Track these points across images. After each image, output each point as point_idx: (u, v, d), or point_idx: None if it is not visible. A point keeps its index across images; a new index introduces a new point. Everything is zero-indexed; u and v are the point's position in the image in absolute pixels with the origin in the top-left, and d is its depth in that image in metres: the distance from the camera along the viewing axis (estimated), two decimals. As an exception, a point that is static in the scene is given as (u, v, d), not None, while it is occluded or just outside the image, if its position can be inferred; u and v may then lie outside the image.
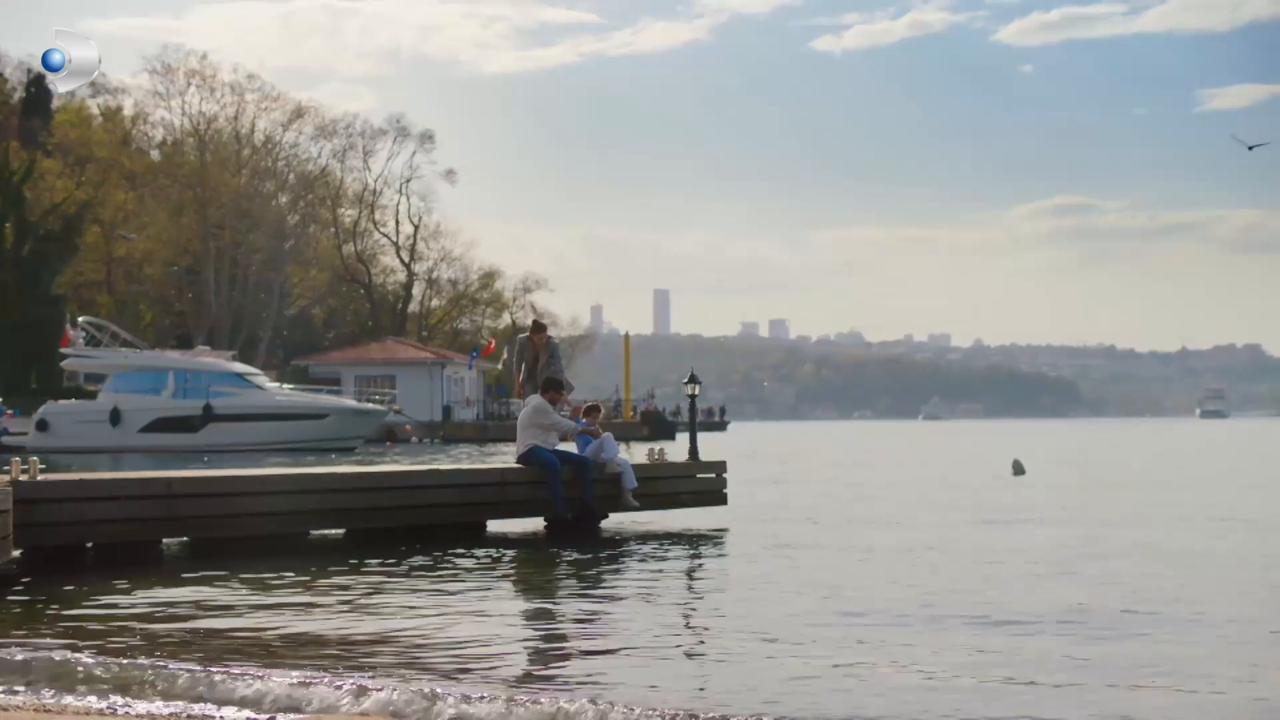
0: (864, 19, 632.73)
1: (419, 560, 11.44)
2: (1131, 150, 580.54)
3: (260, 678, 6.38)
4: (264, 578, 10.27)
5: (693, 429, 16.14)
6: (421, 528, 12.95)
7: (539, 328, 15.77)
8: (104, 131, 74.53)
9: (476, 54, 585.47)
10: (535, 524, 14.13)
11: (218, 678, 6.41)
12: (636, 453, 17.07)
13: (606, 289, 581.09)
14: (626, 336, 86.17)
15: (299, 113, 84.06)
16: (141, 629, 8.02)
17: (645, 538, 13.56)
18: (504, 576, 11.05)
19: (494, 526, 13.88)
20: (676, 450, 17.36)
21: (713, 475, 15.47)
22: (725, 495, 15.48)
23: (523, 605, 9.65)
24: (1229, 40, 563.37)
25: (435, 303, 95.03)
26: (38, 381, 59.41)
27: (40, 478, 10.88)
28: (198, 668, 6.62)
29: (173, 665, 6.73)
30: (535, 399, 14.07)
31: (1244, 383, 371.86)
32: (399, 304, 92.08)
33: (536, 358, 15.19)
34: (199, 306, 77.29)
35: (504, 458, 23.02)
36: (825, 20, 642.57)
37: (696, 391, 16.04)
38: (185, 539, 12.05)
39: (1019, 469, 26.86)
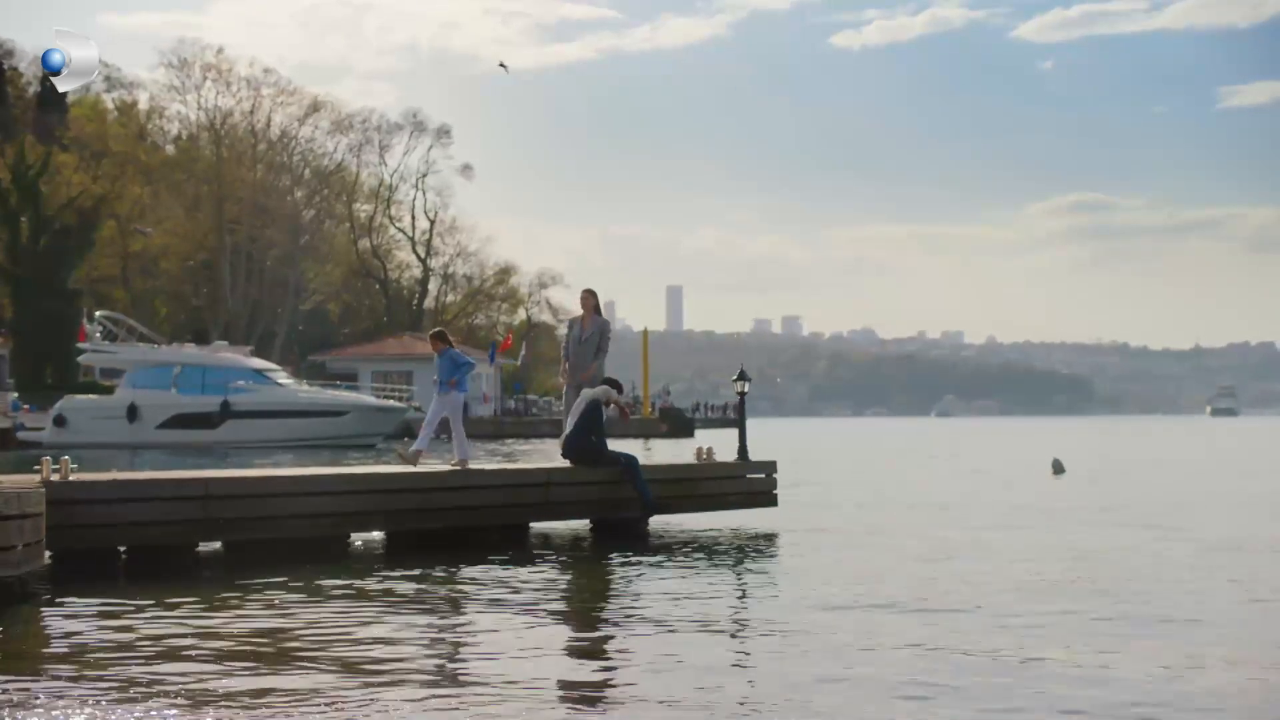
0: (883, 15, 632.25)
1: (464, 566, 10.86)
2: (1150, 148, 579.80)
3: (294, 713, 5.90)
4: (305, 586, 9.75)
5: (742, 427, 15.59)
6: (464, 529, 12.43)
7: (589, 293, 14.47)
8: (120, 126, 74.19)
9: (496, 50, 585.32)
10: (580, 525, 13.61)
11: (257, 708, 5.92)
12: (666, 450, 16.48)
13: (620, 285, 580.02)
14: (645, 333, 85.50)
15: (315, 107, 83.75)
16: (177, 644, 7.49)
17: (693, 541, 13.00)
18: (550, 584, 10.37)
19: (538, 528, 13.37)
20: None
21: (763, 475, 14.91)
22: (775, 496, 14.92)
23: (567, 617, 8.98)
24: (1249, 37, 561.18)
25: (451, 298, 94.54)
26: (53, 376, 59.06)
27: (72, 477, 10.36)
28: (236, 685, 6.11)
29: (211, 683, 6.23)
30: (591, 392, 13.47)
31: (1258, 381, 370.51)
32: (415, 299, 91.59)
33: (581, 335, 14.12)
34: (214, 302, 76.96)
35: (533, 455, 22.50)
36: (845, 16, 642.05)
37: (745, 389, 15.49)
38: (220, 542, 11.49)
39: (1059, 468, 26.42)
